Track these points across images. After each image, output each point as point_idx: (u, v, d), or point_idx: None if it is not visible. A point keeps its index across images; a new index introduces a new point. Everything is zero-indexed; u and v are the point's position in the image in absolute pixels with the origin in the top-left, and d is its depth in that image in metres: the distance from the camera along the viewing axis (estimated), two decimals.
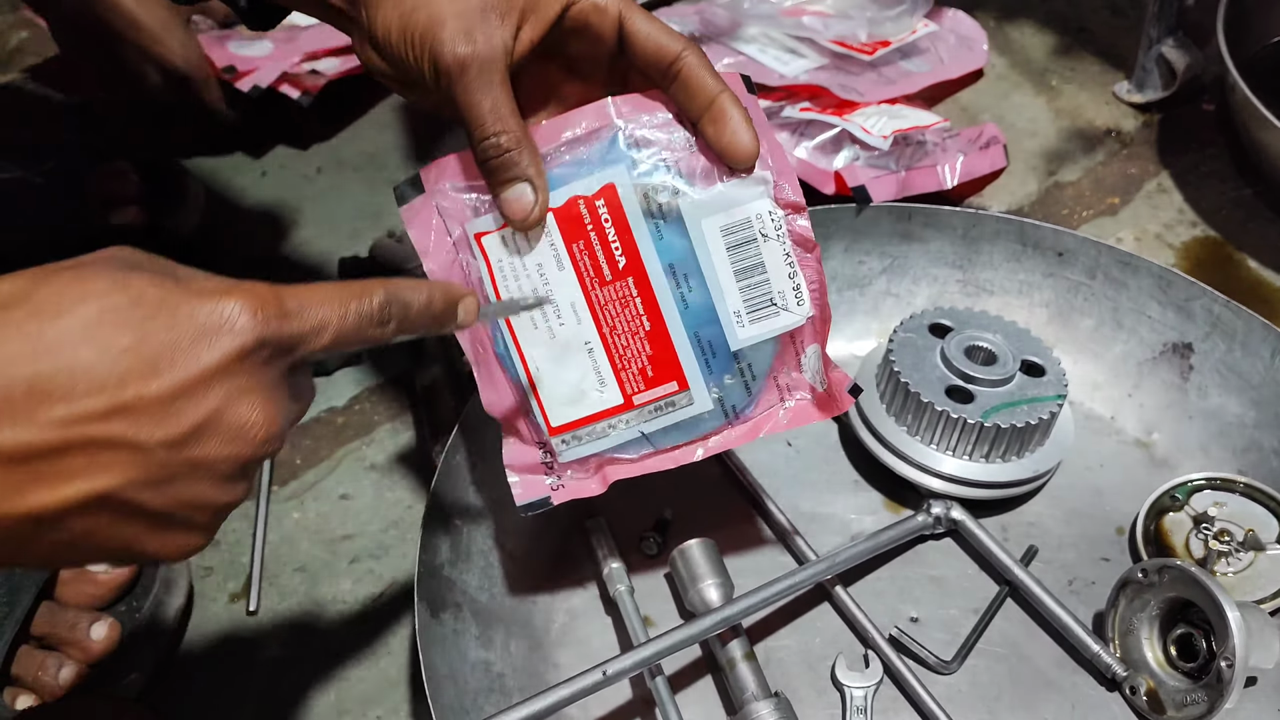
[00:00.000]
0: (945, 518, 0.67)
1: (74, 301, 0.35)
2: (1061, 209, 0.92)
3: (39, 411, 0.33)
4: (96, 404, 0.34)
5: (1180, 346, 0.73)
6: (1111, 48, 1.06)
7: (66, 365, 0.34)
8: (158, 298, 0.36)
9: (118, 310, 0.35)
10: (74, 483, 0.34)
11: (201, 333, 0.36)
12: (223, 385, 0.37)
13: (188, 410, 0.36)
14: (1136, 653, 0.61)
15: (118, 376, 0.34)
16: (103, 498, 0.35)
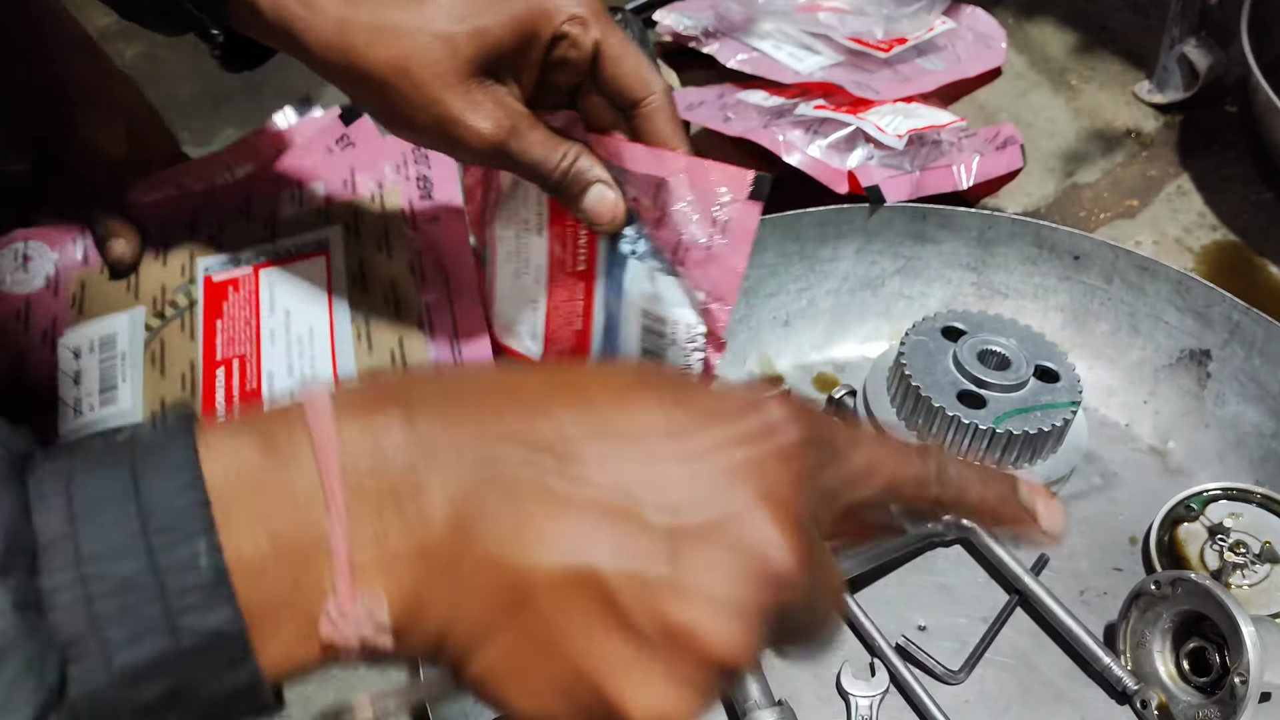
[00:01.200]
0: (955, 525, 0.66)
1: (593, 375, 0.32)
2: (1079, 211, 0.90)
3: (557, 446, 0.29)
4: (615, 465, 0.29)
5: (1198, 353, 0.72)
6: (1133, 47, 1.05)
7: (593, 411, 0.30)
8: (684, 382, 0.32)
9: (646, 380, 0.31)
10: (563, 553, 0.28)
11: (734, 423, 0.30)
12: (752, 486, 0.29)
13: (706, 504, 0.29)
14: (1148, 666, 0.60)
15: (639, 441, 0.30)
16: (586, 578, 0.28)
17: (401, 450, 0.29)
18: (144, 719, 0.27)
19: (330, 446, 0.28)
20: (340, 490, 0.28)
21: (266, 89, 1.03)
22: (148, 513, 0.26)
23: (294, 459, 0.28)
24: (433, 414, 0.30)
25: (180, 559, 0.26)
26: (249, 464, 0.28)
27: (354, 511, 0.28)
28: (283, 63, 0.63)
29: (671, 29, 0.98)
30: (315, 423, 0.28)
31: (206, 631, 0.26)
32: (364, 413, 0.29)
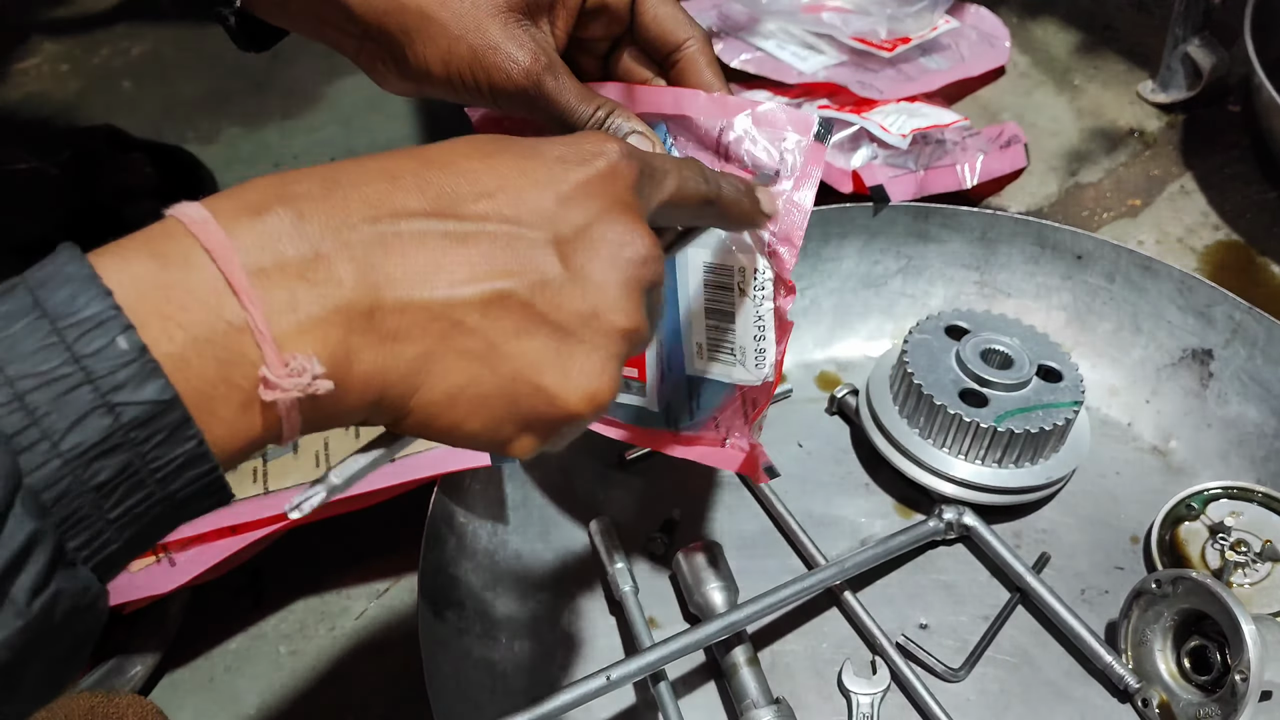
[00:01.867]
0: (957, 523, 0.66)
1: (452, 145, 0.36)
2: (1082, 210, 0.90)
3: (415, 175, 0.34)
4: (489, 204, 0.35)
5: (1200, 353, 0.72)
6: (1136, 46, 1.05)
7: (459, 174, 0.35)
8: (525, 140, 0.38)
9: (491, 142, 0.37)
10: (476, 281, 0.34)
11: (574, 154, 0.37)
12: (601, 197, 0.37)
13: (571, 215, 0.36)
14: (1149, 664, 0.60)
15: (504, 185, 0.35)
16: (502, 295, 0.34)
17: (294, 238, 0.32)
18: (106, 498, 0.29)
19: (225, 248, 0.30)
20: (245, 279, 0.30)
21: (270, 88, 1.04)
22: (55, 317, 0.28)
23: (190, 264, 0.30)
24: (318, 201, 0.32)
25: (98, 347, 0.28)
26: (145, 274, 0.30)
27: (263, 291, 0.31)
28: (286, 60, 0.63)
29: None
30: (203, 233, 0.30)
31: (143, 402, 0.29)
32: (249, 215, 0.31)
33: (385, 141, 0.97)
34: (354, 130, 0.99)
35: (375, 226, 0.33)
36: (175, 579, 0.59)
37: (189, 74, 1.06)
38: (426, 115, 1.00)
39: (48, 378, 0.28)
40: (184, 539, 0.60)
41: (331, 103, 1.02)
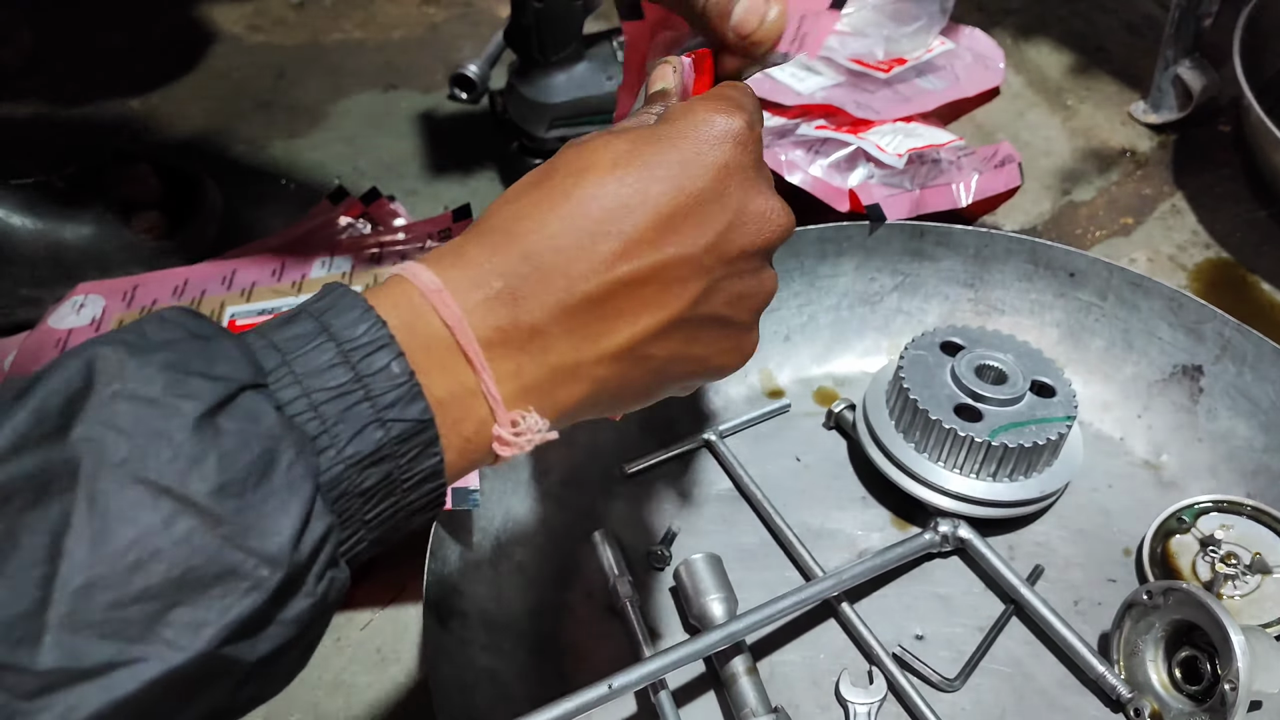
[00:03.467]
0: (952, 536, 0.67)
1: (596, 160, 0.39)
2: (1075, 229, 0.92)
3: (595, 256, 0.38)
4: (643, 233, 0.38)
5: (1190, 369, 0.73)
6: (1128, 68, 1.06)
7: (603, 210, 0.38)
8: (651, 136, 0.40)
9: (619, 157, 0.39)
10: (649, 311, 0.39)
11: (709, 141, 0.40)
12: (736, 180, 0.41)
13: (717, 213, 0.40)
14: (1141, 674, 0.61)
15: (650, 205, 0.39)
16: (676, 320, 0.40)
17: (514, 314, 0.37)
18: (368, 502, 0.33)
19: (461, 324, 0.35)
20: (478, 351, 0.36)
21: (276, 106, 1.05)
22: (339, 339, 0.33)
23: (430, 328, 0.35)
24: (530, 282, 0.37)
25: (376, 366, 0.33)
26: (397, 322, 0.35)
27: (492, 362, 0.36)
28: (291, 79, 0.64)
29: None
30: (440, 304, 0.35)
31: (408, 420, 0.33)
32: (477, 292, 0.36)
33: (389, 159, 0.99)
34: (358, 148, 1.00)
35: (576, 293, 0.38)
36: None
37: (196, 93, 1.07)
38: (429, 133, 1.02)
39: (337, 392, 0.33)
40: None
41: (336, 121, 1.03)
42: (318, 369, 0.33)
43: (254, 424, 0.30)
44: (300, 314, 0.34)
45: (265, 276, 0.79)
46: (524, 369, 0.37)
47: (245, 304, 0.76)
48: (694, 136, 0.40)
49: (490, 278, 0.37)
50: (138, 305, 0.77)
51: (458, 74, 1.02)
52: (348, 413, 0.32)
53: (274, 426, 0.31)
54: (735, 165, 0.41)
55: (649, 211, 0.38)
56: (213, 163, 0.99)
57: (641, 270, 0.38)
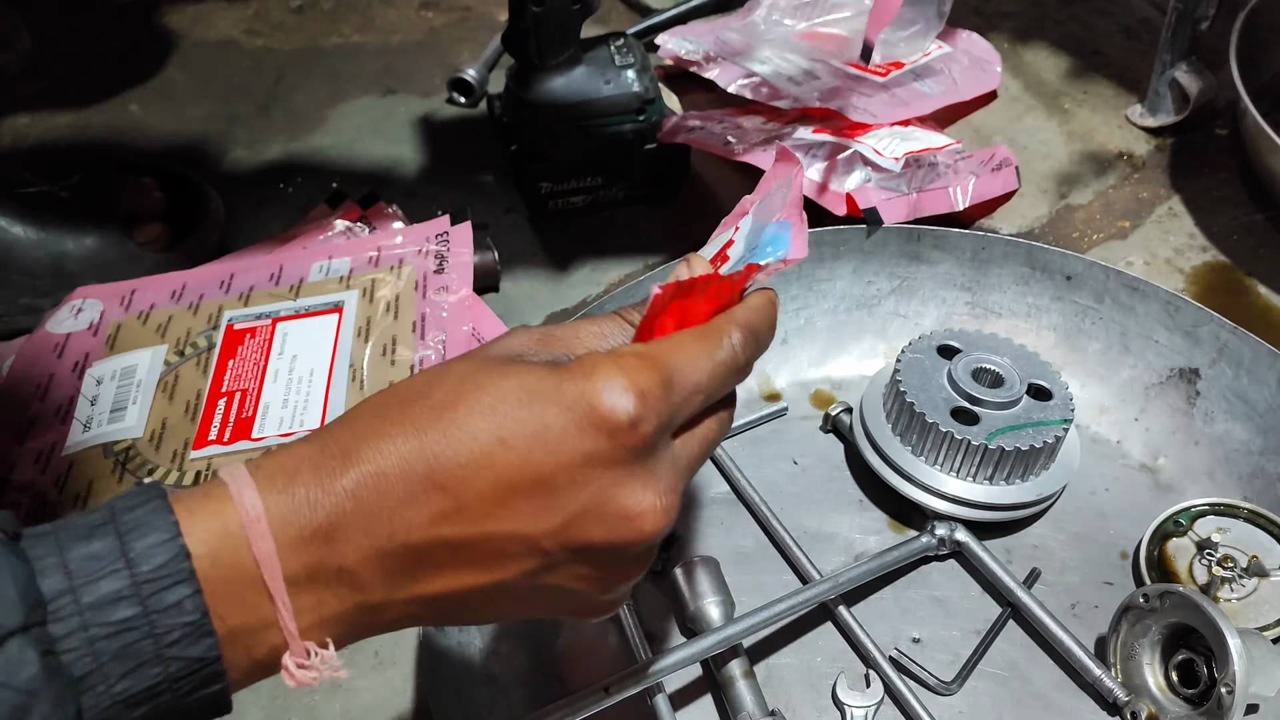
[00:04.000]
0: (949, 539, 0.67)
1: (467, 400, 0.37)
2: (1072, 232, 0.92)
3: (422, 510, 0.36)
4: (477, 501, 0.36)
5: (1187, 372, 0.73)
6: (1125, 71, 1.06)
7: (445, 463, 0.36)
8: (536, 389, 0.37)
9: (499, 401, 0.37)
10: (471, 573, 0.38)
11: (580, 423, 0.36)
12: (602, 472, 0.37)
13: (565, 501, 0.37)
14: (1138, 678, 0.61)
15: (493, 472, 0.36)
16: (500, 585, 0.38)
17: (330, 555, 0.36)
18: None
19: (270, 559, 0.35)
20: (283, 588, 0.35)
21: (274, 111, 1.05)
22: (135, 567, 0.32)
23: (239, 559, 0.35)
24: (355, 527, 0.36)
25: (168, 602, 0.32)
26: (203, 549, 0.34)
27: (295, 596, 0.35)
28: (290, 84, 0.65)
29: (673, 53, 1.00)
30: (254, 536, 0.35)
31: (191, 658, 0.33)
32: (295, 528, 0.35)
33: (388, 164, 0.99)
34: (356, 152, 1.00)
35: (395, 542, 0.36)
36: None
37: (195, 97, 1.07)
38: (427, 136, 1.02)
39: (120, 627, 0.32)
40: None
41: (335, 126, 1.03)
42: (104, 600, 0.32)
43: (11, 676, 0.29)
44: (104, 526, 0.33)
45: (263, 280, 0.79)
46: (326, 604, 0.36)
47: (243, 308, 0.76)
48: (573, 407, 0.36)
49: (313, 510, 0.35)
50: (135, 309, 0.77)
51: (456, 78, 1.02)
52: (126, 649, 0.32)
53: (33, 679, 0.30)
54: (604, 457, 0.37)
55: (489, 479, 0.36)
56: (211, 166, 0.99)
57: (468, 536, 0.37)
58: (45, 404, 0.72)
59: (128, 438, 0.68)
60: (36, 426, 0.70)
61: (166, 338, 0.75)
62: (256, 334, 0.74)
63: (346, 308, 0.75)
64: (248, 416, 0.68)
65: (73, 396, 0.72)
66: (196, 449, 0.67)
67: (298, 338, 0.73)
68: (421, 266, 0.78)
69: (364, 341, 0.73)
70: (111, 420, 0.70)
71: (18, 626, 0.30)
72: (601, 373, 0.37)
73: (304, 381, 0.70)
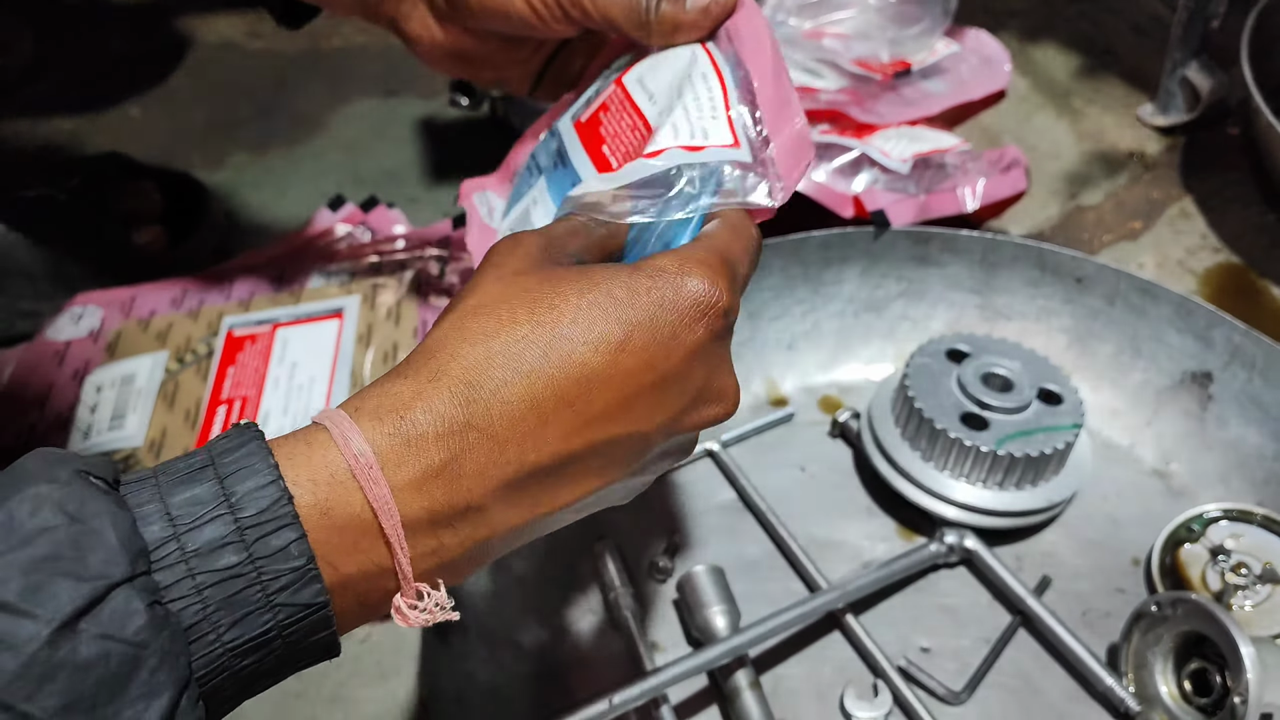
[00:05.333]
0: (958, 546, 0.66)
1: (573, 312, 0.37)
2: (1083, 233, 0.91)
3: (553, 430, 0.36)
4: (606, 410, 0.37)
5: (1200, 375, 0.72)
6: (1136, 70, 1.05)
7: (569, 379, 0.36)
8: (635, 292, 0.38)
9: (599, 308, 0.37)
10: (589, 480, 0.38)
11: (685, 318, 0.38)
12: (705, 360, 0.39)
13: (678, 395, 0.39)
14: (1150, 687, 0.60)
15: (617, 382, 0.37)
16: (609, 487, 0.39)
17: (450, 492, 0.35)
18: (247, 682, 0.32)
19: (388, 505, 0.33)
20: (399, 534, 0.34)
21: (276, 114, 1.05)
22: (238, 512, 0.31)
23: (350, 503, 0.33)
24: (475, 456, 0.35)
25: (274, 547, 0.31)
26: (311, 499, 0.33)
27: (412, 540, 0.34)
28: (291, 87, 0.64)
29: None
30: (368, 484, 0.33)
31: (299, 604, 0.32)
32: (413, 468, 0.34)
33: (390, 166, 0.98)
34: (358, 155, 1.00)
35: (525, 466, 0.36)
36: None
37: (196, 102, 1.07)
38: (429, 139, 1.01)
39: (226, 574, 0.31)
40: None
41: (336, 129, 1.03)
42: (208, 546, 0.31)
43: (119, 628, 0.28)
44: (204, 470, 0.32)
45: (264, 285, 0.78)
46: (445, 546, 0.35)
47: (244, 314, 0.75)
48: (675, 305, 0.38)
49: (432, 449, 0.34)
50: (136, 315, 0.77)
51: (458, 80, 1.02)
52: (234, 598, 0.31)
53: (141, 630, 0.29)
54: (707, 346, 0.39)
55: (615, 389, 0.37)
56: (212, 170, 0.99)
57: (597, 444, 0.37)
58: (45, 412, 0.71)
59: (127, 446, 0.68)
60: (36, 434, 0.70)
61: (167, 344, 0.74)
62: (257, 340, 0.73)
63: (347, 313, 0.74)
64: None
65: (73, 404, 0.71)
66: None
67: (298, 344, 0.73)
68: (423, 271, 0.77)
69: (365, 348, 0.72)
70: (111, 428, 0.69)
71: (123, 577, 0.29)
72: (691, 270, 0.39)
73: (304, 389, 0.70)
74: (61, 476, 0.30)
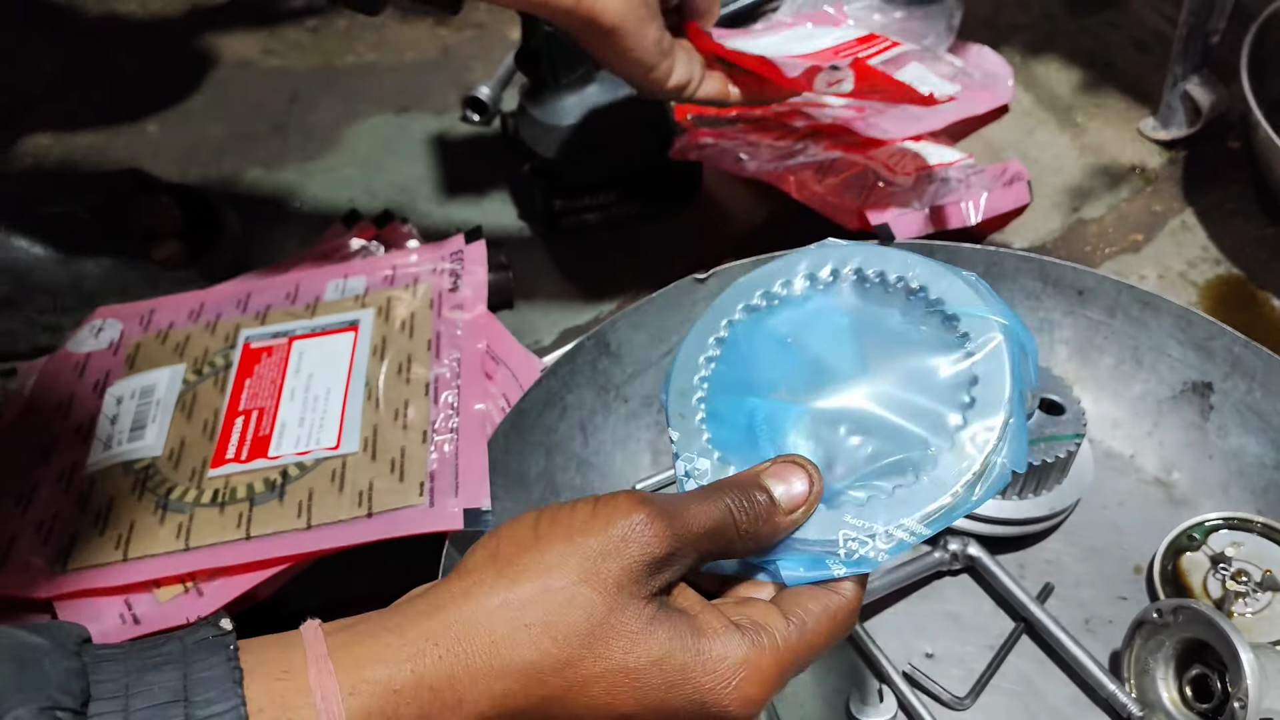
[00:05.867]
0: (962, 554, 0.67)
1: (598, 675, 0.37)
2: (1085, 246, 0.92)
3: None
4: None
5: (1200, 386, 0.73)
6: (1137, 84, 1.07)
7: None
8: (670, 676, 0.37)
9: (635, 690, 0.37)
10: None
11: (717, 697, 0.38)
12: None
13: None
14: (1152, 693, 0.61)
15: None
16: None
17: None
18: None
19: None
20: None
21: (290, 130, 1.07)
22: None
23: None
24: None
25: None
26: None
27: None
28: (305, 103, 0.66)
29: None
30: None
31: None
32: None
33: (403, 181, 1.00)
34: (371, 171, 1.01)
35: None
36: (202, 608, 0.61)
37: (213, 119, 1.08)
38: (441, 155, 1.03)
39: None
40: (210, 570, 0.62)
41: (350, 144, 1.05)
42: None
43: None
44: (175, 704, 0.33)
45: (280, 299, 0.80)
46: None
47: (261, 326, 0.77)
48: (697, 706, 0.37)
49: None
50: (154, 328, 0.78)
51: (470, 96, 1.03)
52: None
53: None
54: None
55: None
56: (228, 186, 1.00)
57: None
58: (67, 423, 0.73)
59: (147, 456, 0.69)
60: (59, 445, 0.71)
61: (185, 357, 0.76)
62: (273, 352, 0.75)
63: (362, 326, 0.75)
64: (265, 435, 0.69)
65: (93, 415, 0.73)
66: (214, 467, 0.68)
67: (314, 356, 0.74)
68: (436, 284, 0.79)
69: (379, 360, 0.73)
70: (131, 439, 0.71)
71: None
72: (737, 684, 0.37)
73: (320, 400, 0.71)
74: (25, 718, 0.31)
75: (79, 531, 0.65)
